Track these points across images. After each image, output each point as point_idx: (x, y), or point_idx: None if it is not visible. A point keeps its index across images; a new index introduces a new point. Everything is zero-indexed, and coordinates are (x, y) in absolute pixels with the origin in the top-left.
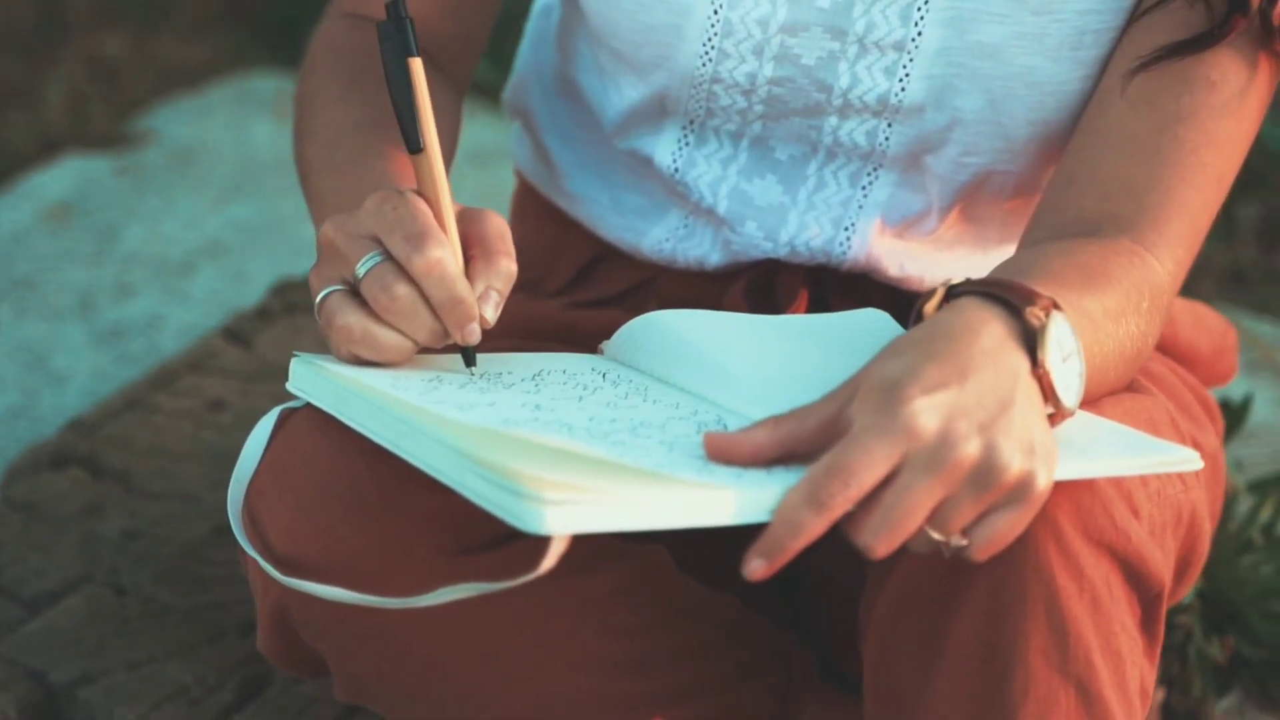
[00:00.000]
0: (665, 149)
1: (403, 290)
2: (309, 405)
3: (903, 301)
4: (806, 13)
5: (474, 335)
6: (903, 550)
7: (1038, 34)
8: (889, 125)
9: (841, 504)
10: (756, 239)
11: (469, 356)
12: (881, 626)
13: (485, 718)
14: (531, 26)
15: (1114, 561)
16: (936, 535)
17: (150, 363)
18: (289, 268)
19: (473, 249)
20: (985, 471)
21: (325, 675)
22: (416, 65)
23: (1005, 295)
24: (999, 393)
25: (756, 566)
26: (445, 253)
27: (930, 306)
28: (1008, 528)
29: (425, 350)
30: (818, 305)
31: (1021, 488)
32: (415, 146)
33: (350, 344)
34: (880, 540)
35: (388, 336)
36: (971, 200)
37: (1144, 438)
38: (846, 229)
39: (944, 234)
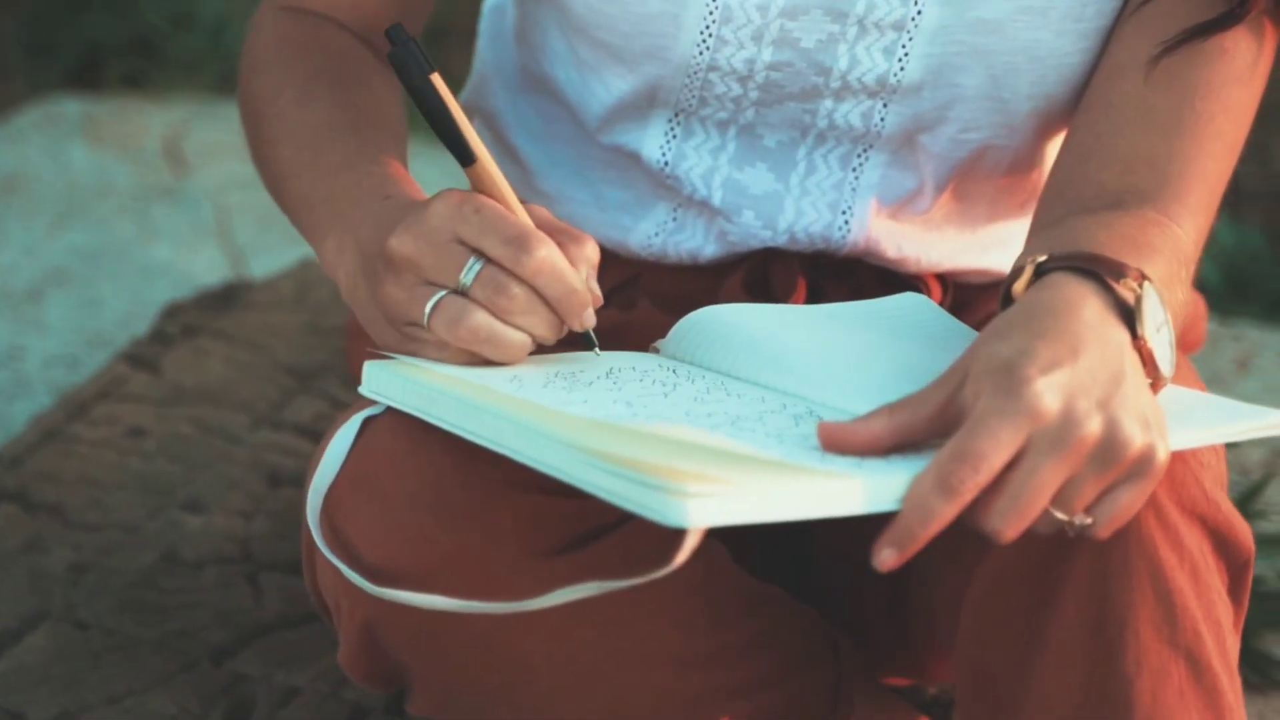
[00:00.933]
0: (653, 142)
1: (518, 290)
2: (389, 411)
3: (895, 285)
4: None
5: (591, 319)
6: (1029, 532)
7: (1042, 7)
8: (884, 105)
9: (971, 489)
10: (755, 228)
11: (589, 340)
12: (978, 610)
13: (565, 718)
14: (485, 25)
15: (1205, 531)
16: (1060, 515)
17: (20, 394)
18: (142, 291)
19: (555, 238)
20: (1109, 448)
21: (400, 689)
22: (439, 81)
23: (1095, 268)
24: (1110, 367)
25: (888, 556)
26: (551, 249)
27: (1020, 285)
28: (1130, 503)
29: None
30: (814, 292)
31: (1144, 461)
32: (469, 159)
33: (477, 343)
34: (1009, 523)
35: (513, 335)
36: (965, 177)
37: (1232, 403)
38: (844, 212)
39: (934, 213)
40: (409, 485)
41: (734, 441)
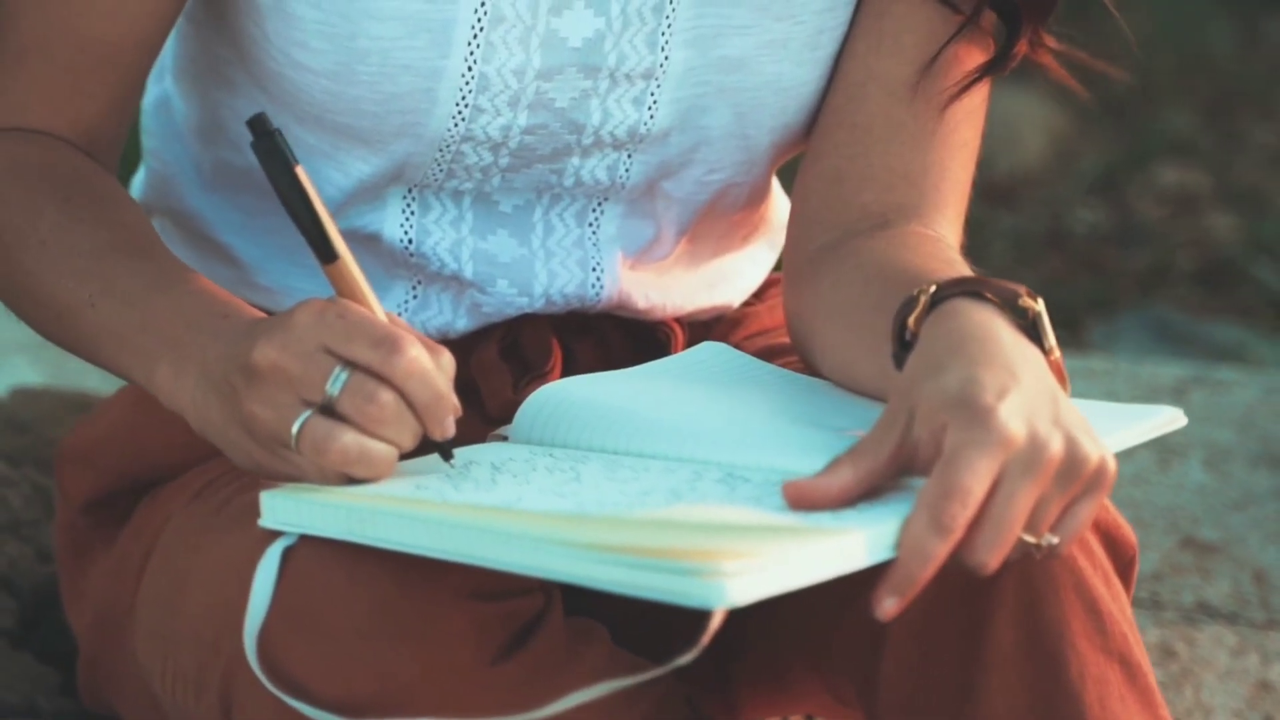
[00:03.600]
0: (392, 222)
1: (387, 397)
2: (304, 539)
3: (639, 335)
4: (561, 55)
5: (451, 428)
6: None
7: (782, 40)
8: (629, 156)
9: (963, 524)
10: (510, 296)
11: (446, 451)
12: (907, 646)
13: None
14: (150, 124)
15: (1099, 534)
16: (1030, 538)
17: None
18: None
19: None
20: (1071, 465)
21: None
22: (304, 174)
23: (986, 290)
24: (1045, 386)
25: (891, 604)
26: (420, 350)
27: (914, 319)
28: (1089, 516)
29: None
30: (566, 354)
31: (1101, 473)
32: (330, 256)
33: (347, 464)
34: (994, 554)
35: (381, 449)
36: (703, 219)
37: (1127, 406)
38: (595, 269)
39: (669, 258)
40: (355, 614)
41: (725, 513)
